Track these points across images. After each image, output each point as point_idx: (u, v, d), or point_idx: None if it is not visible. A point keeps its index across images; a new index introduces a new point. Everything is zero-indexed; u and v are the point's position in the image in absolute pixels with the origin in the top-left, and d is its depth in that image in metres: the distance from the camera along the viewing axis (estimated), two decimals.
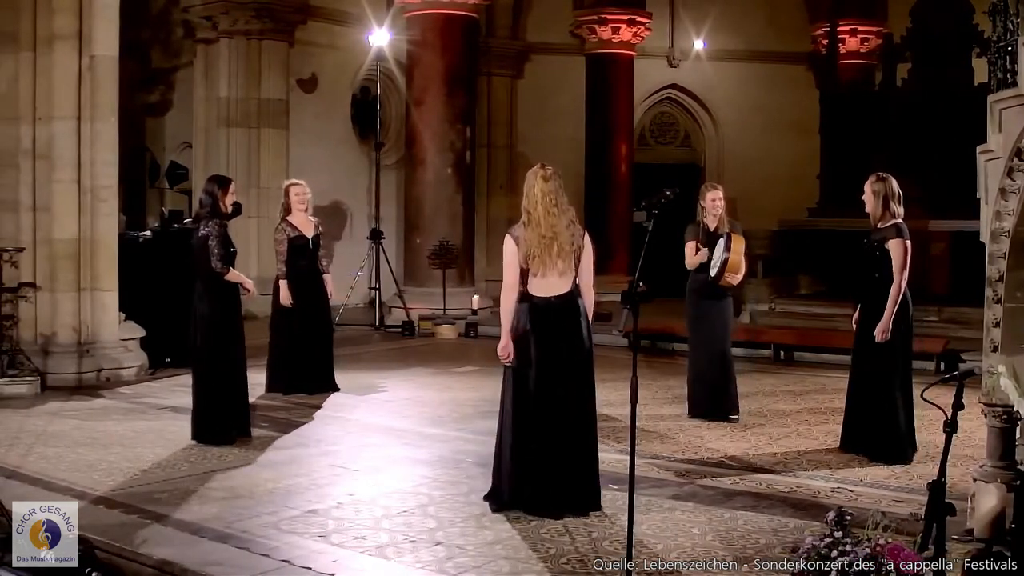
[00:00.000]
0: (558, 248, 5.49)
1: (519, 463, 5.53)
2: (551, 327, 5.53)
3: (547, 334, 5.53)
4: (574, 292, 5.58)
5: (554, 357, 5.53)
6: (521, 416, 5.54)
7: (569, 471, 5.53)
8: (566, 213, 5.56)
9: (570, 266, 5.54)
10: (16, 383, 9.00)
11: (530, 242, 5.50)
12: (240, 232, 12.40)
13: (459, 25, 14.93)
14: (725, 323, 8.26)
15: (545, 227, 5.49)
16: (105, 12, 9.77)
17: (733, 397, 8.20)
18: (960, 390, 4.46)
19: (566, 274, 5.54)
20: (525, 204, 5.57)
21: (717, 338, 8.20)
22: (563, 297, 5.55)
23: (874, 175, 6.98)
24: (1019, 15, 4.95)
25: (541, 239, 5.49)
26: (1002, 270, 4.90)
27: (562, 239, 5.50)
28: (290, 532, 5.22)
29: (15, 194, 9.63)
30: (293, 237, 9.20)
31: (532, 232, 5.51)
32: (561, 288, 5.55)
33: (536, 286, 5.55)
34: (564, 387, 5.53)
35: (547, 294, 5.54)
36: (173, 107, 17.65)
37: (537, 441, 5.50)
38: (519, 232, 5.56)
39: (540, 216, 5.50)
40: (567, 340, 5.54)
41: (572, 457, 5.54)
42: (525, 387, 5.54)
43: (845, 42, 18.54)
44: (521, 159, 18.07)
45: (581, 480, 5.55)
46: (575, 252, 5.54)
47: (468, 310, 14.35)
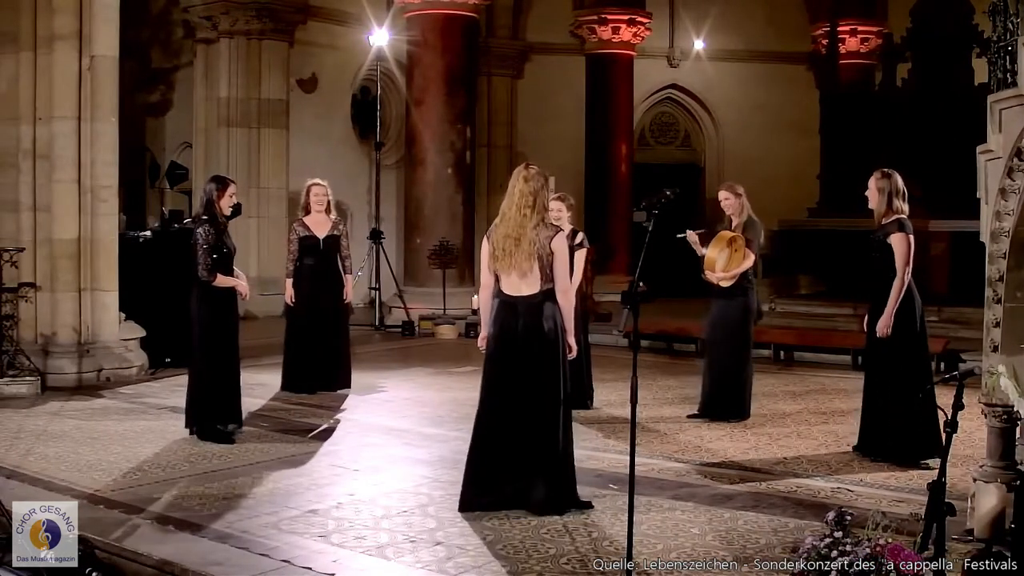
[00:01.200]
0: (520, 249, 5.46)
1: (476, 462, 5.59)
2: (510, 327, 5.55)
3: (506, 333, 5.55)
4: (543, 294, 5.52)
5: (511, 356, 5.54)
6: (483, 411, 5.63)
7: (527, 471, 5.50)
8: (538, 214, 5.50)
9: (533, 268, 5.49)
10: (16, 383, 9.00)
11: (496, 241, 5.54)
12: (240, 232, 12.40)
13: (459, 25, 14.93)
14: (725, 324, 8.07)
15: (512, 226, 5.50)
16: (105, 12, 9.77)
17: (734, 401, 8.08)
18: (960, 390, 4.47)
19: (528, 276, 5.50)
20: (504, 202, 5.60)
21: (717, 339, 8.14)
22: (528, 298, 5.53)
23: (879, 171, 6.90)
24: (1019, 15, 4.95)
25: (506, 238, 5.50)
26: (1002, 270, 4.90)
27: (525, 240, 5.46)
28: (290, 532, 5.22)
29: (15, 194, 9.63)
30: (303, 237, 9.25)
31: (500, 231, 5.54)
32: (526, 289, 5.53)
33: (504, 285, 5.59)
34: (523, 386, 5.51)
35: (513, 293, 5.56)
36: (173, 107, 17.66)
37: (493, 435, 5.56)
38: (492, 230, 5.62)
39: (512, 215, 5.51)
40: (525, 340, 5.52)
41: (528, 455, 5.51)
42: (490, 386, 5.61)
43: (845, 42, 18.56)
44: (521, 159, 17.82)
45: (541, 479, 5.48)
46: (539, 254, 5.47)
47: (468, 310, 14.33)
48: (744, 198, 8.14)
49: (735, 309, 8.05)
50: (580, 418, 7.89)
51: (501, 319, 5.58)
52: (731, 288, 7.96)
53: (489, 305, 5.64)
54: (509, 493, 5.52)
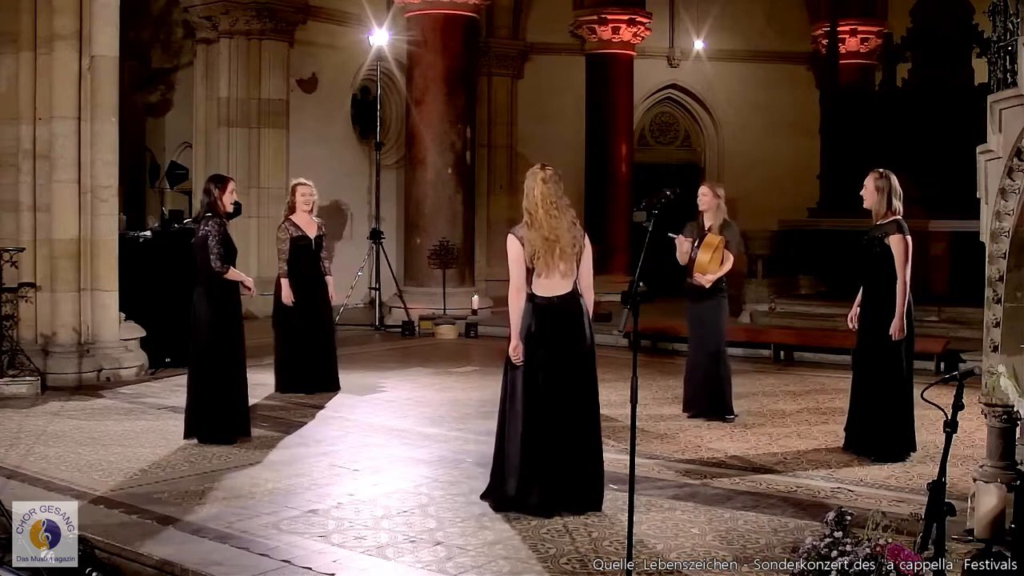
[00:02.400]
0: (560, 250, 5.53)
1: (529, 463, 5.52)
2: (555, 327, 5.57)
3: (552, 334, 5.57)
4: (575, 292, 5.62)
5: (559, 357, 5.56)
6: (531, 416, 5.54)
7: (575, 470, 5.55)
8: (566, 214, 5.59)
9: (572, 267, 5.58)
10: (16, 383, 9.00)
11: (534, 243, 5.54)
12: (240, 232, 12.42)
13: (459, 25, 14.93)
14: (714, 324, 8.15)
15: (548, 229, 5.53)
16: (105, 12, 9.77)
17: (726, 399, 8.16)
18: (960, 390, 4.47)
19: (568, 275, 5.59)
20: (526, 205, 5.61)
21: (706, 339, 8.17)
22: (565, 297, 5.59)
23: (876, 171, 6.92)
24: (1019, 15, 4.95)
25: (545, 241, 5.52)
26: (1002, 270, 4.90)
27: (564, 241, 5.54)
28: (290, 532, 5.22)
29: (15, 194, 9.63)
30: (296, 236, 9.23)
31: (535, 233, 5.54)
32: (563, 288, 5.59)
33: (539, 286, 5.59)
34: (570, 386, 5.56)
35: (550, 294, 5.58)
36: (173, 107, 17.67)
37: (547, 441, 5.52)
38: (523, 232, 5.58)
39: (542, 218, 5.54)
40: (571, 339, 5.58)
41: (578, 456, 5.57)
42: (534, 387, 5.55)
43: (845, 42, 18.55)
44: (521, 159, 18.08)
45: (585, 479, 5.58)
46: (576, 253, 5.58)
47: (468, 310, 14.36)
48: (722, 200, 8.17)
49: (709, 311, 8.14)
50: None
51: (543, 319, 5.56)
52: (708, 289, 8.06)
53: (521, 309, 5.58)
54: (552, 495, 5.50)
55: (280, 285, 9.21)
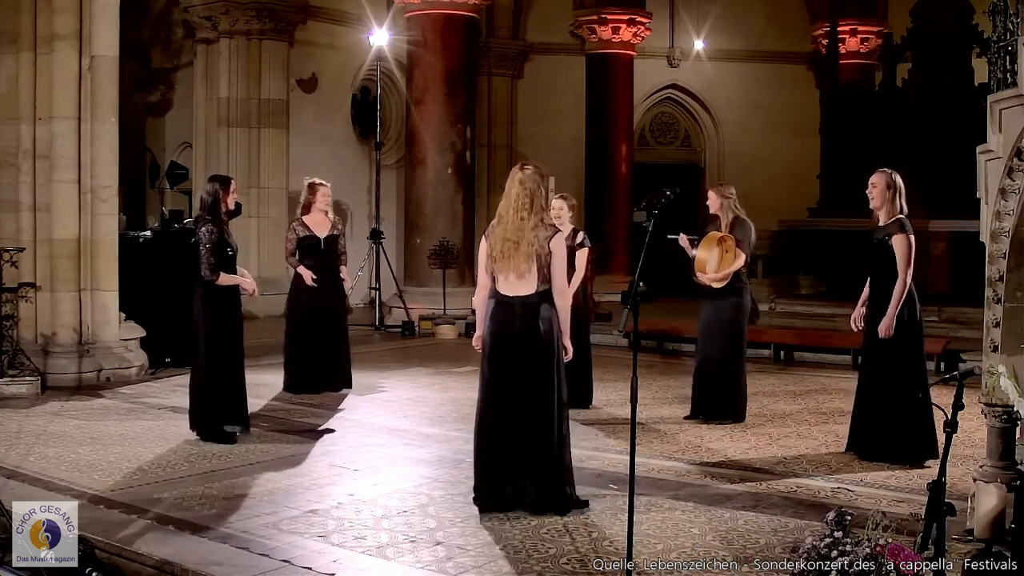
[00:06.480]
0: (519, 251, 5.47)
1: (483, 461, 5.61)
2: (507, 327, 5.55)
3: (503, 333, 5.56)
4: (540, 294, 5.53)
5: (511, 358, 5.55)
6: (484, 414, 5.62)
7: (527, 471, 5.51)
8: (536, 215, 5.51)
9: (531, 268, 5.49)
10: (16, 383, 9.00)
11: (494, 243, 5.55)
12: (240, 232, 12.39)
13: (459, 25, 14.93)
14: (729, 325, 7.98)
15: (511, 229, 5.51)
16: (105, 12, 9.76)
17: (739, 404, 8.03)
18: (960, 390, 4.47)
19: (527, 276, 5.50)
20: (500, 204, 5.60)
21: (721, 340, 8.02)
22: (525, 299, 5.53)
23: (881, 170, 6.87)
24: (1019, 15, 4.95)
25: (504, 241, 5.51)
26: (1002, 270, 4.90)
27: (524, 242, 5.48)
28: (290, 532, 5.22)
29: (15, 194, 9.63)
30: (303, 237, 9.26)
31: (498, 233, 5.55)
32: (523, 290, 5.53)
33: (500, 285, 5.59)
34: (522, 388, 5.52)
35: (511, 294, 5.56)
36: (173, 107, 17.67)
37: (497, 439, 5.56)
38: (490, 231, 5.62)
39: (510, 219, 5.53)
40: (522, 340, 5.53)
41: (531, 457, 5.51)
42: (489, 387, 5.61)
43: (845, 42, 18.56)
44: (521, 159, 17.95)
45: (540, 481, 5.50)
46: (538, 255, 5.48)
47: (468, 310, 14.30)
48: (732, 200, 8.07)
49: (727, 309, 7.99)
50: (580, 418, 7.90)
51: (498, 319, 5.58)
52: (723, 288, 7.91)
53: (485, 305, 5.66)
54: (509, 494, 5.53)
55: (298, 276, 9.27)
